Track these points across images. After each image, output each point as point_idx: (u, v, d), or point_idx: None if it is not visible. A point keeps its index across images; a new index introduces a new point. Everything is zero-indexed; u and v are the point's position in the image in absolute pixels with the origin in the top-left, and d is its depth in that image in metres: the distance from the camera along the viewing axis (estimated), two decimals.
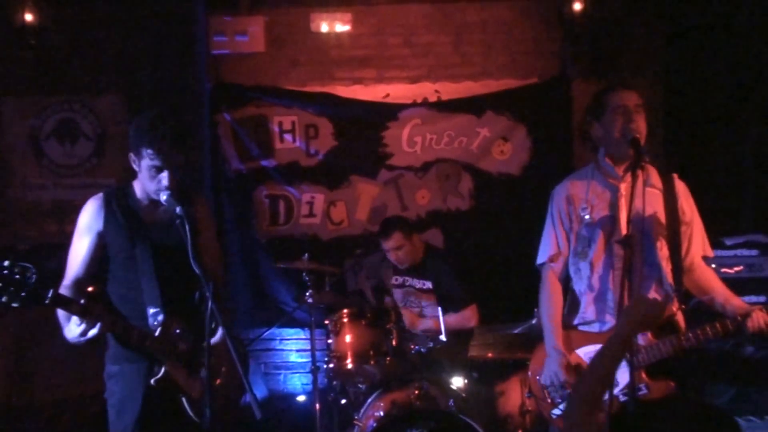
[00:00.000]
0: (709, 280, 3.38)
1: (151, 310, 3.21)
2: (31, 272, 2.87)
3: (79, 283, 3.25)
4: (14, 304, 2.83)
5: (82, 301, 3.00)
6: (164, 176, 3.15)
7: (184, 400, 3.22)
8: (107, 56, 5.94)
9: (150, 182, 3.19)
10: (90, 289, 3.27)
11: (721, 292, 3.34)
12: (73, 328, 3.03)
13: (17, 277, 2.84)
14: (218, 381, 3.33)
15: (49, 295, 2.90)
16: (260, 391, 5.96)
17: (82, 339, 3.03)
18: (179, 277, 3.19)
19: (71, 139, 5.99)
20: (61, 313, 3.09)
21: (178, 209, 3.04)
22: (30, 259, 3.13)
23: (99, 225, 3.27)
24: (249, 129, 6.23)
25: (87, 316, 2.98)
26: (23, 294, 2.84)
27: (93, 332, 3.00)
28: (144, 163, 3.17)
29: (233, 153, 6.22)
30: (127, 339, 3.16)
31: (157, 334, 3.18)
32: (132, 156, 3.22)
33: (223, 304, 3.38)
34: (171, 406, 3.21)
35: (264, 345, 6.29)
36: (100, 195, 3.35)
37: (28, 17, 5.78)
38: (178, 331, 3.22)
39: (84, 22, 5.95)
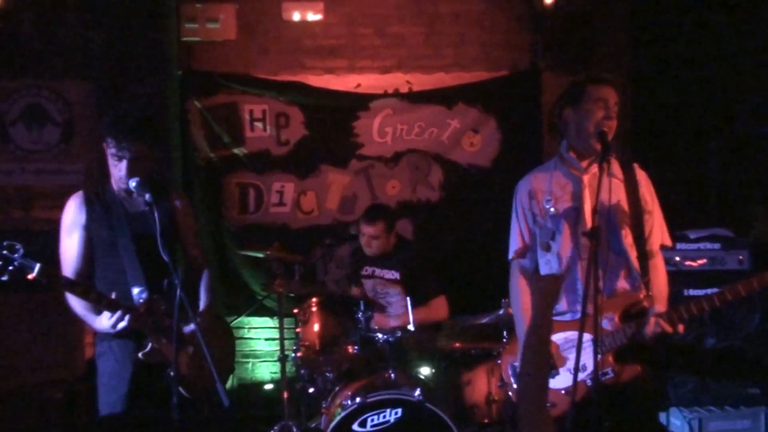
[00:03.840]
0: (656, 271, 3.40)
1: (136, 290, 3.36)
2: (18, 248, 3.09)
3: (79, 274, 3.42)
4: (2, 278, 3.05)
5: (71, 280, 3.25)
6: (123, 165, 3.33)
7: (171, 373, 3.30)
8: (76, 41, 5.86)
9: (114, 170, 3.40)
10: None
11: (655, 285, 3.35)
12: (103, 321, 3.25)
13: (4, 252, 3.06)
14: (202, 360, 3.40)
15: (36, 268, 3.09)
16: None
17: (113, 331, 3.25)
18: (158, 261, 3.31)
19: (39, 124, 5.91)
20: (84, 306, 3.31)
21: (147, 196, 3.23)
22: None
23: (82, 219, 3.44)
24: (219, 117, 6.20)
25: (82, 293, 3.21)
26: (10, 268, 3.05)
27: (122, 324, 3.21)
28: (108, 152, 3.37)
29: (203, 141, 6.19)
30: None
31: (143, 310, 3.32)
32: (104, 145, 3.40)
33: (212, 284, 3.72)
34: (160, 380, 3.34)
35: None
36: (80, 192, 3.53)
37: None
38: (162, 308, 3.35)
39: (53, 6, 5.86)
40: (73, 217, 3.46)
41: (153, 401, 3.36)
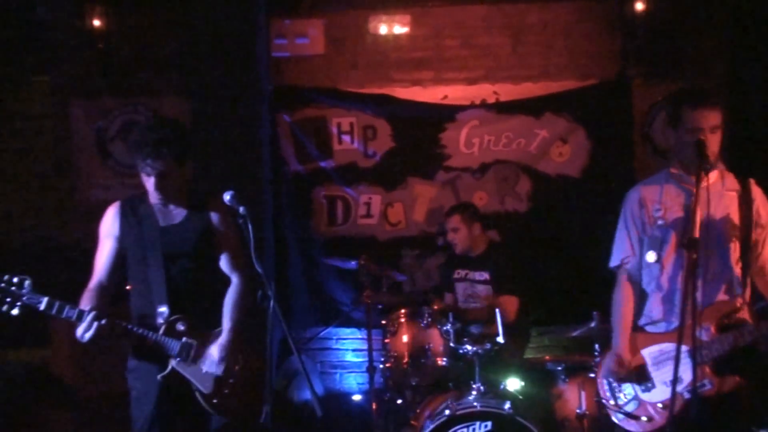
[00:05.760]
0: None
1: (160, 309, 3.41)
2: (27, 283, 3.22)
3: (101, 288, 3.46)
4: (14, 312, 3.19)
5: (82, 307, 3.26)
6: (150, 181, 3.41)
7: (197, 394, 3.41)
8: (171, 60, 6.09)
9: (147, 184, 3.46)
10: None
11: None
12: (78, 330, 3.28)
13: (13, 288, 3.19)
14: (230, 378, 3.49)
15: (43, 302, 3.21)
16: (317, 390, 6.02)
17: (83, 340, 3.27)
18: (188, 277, 3.45)
19: None
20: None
21: (241, 209, 3.22)
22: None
23: (116, 230, 3.52)
24: (308, 130, 6.31)
25: (79, 321, 3.23)
26: (19, 303, 3.20)
27: (89, 334, 3.23)
28: (139, 166, 3.44)
29: (292, 154, 6.31)
30: (130, 339, 3.40)
31: (161, 331, 3.38)
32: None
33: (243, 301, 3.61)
34: (184, 399, 3.41)
35: (320, 344, 6.36)
36: (118, 203, 3.61)
37: (96, 23, 6.00)
38: (182, 328, 3.40)
39: (148, 27, 6.12)
40: (107, 227, 3.52)
41: (181, 419, 3.45)
